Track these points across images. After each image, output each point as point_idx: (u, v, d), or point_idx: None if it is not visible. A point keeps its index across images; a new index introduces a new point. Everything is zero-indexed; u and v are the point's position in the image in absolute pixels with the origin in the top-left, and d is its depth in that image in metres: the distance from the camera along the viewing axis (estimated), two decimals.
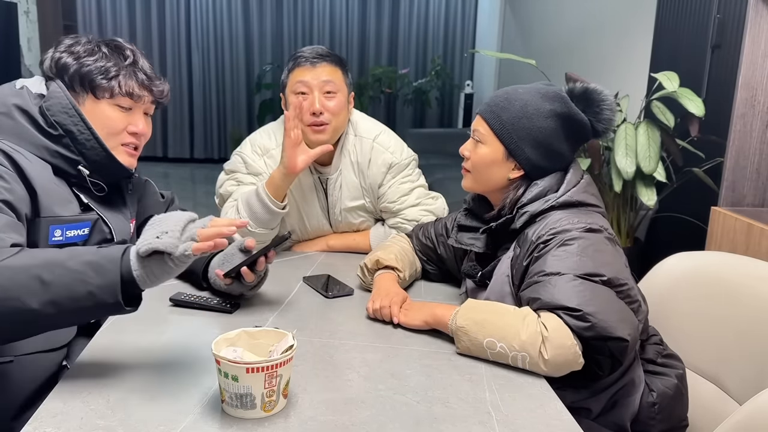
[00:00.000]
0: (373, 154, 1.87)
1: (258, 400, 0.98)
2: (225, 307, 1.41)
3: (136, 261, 1.03)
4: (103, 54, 1.36)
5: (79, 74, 1.34)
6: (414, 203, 1.89)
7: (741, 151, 2.34)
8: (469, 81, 7.53)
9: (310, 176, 1.87)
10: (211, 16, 7.41)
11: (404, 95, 7.41)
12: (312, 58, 1.78)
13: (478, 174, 1.42)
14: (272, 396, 0.99)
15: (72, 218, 1.32)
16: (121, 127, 1.37)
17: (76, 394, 1.04)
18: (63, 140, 1.32)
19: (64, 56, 1.35)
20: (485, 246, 1.45)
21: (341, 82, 1.80)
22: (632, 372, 1.31)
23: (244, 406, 0.98)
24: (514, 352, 1.17)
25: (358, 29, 7.74)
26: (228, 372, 0.97)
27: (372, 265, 1.57)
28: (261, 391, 0.98)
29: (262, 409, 0.99)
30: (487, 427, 1.00)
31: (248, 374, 0.96)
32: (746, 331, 1.37)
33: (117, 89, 1.35)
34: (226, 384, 0.98)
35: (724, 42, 2.82)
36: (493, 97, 1.41)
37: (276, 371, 0.98)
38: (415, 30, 7.81)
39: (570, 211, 1.32)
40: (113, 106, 1.36)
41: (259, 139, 1.89)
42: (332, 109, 1.77)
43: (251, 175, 1.86)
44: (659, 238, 3.28)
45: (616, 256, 1.28)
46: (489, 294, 1.39)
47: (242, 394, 0.97)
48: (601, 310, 1.16)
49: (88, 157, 1.34)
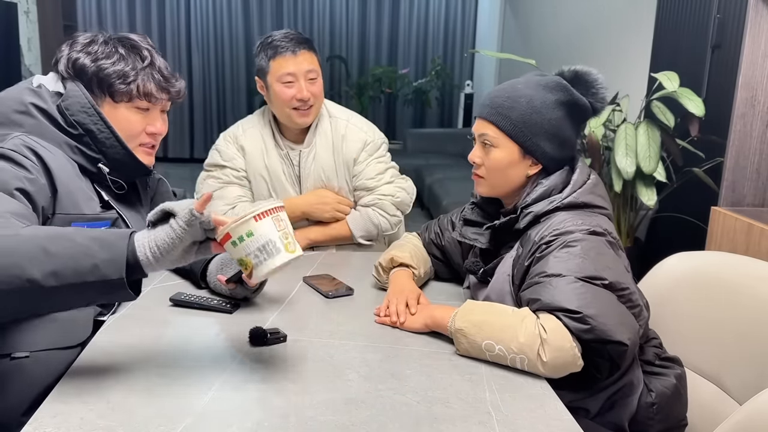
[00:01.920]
0: (348, 132, 1.99)
1: (279, 243, 1.04)
2: (225, 307, 1.41)
3: (143, 238, 1.02)
4: (121, 56, 1.37)
5: (98, 77, 1.35)
6: (389, 180, 2.01)
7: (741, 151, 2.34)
8: (469, 81, 7.53)
9: (275, 151, 1.98)
10: (211, 16, 7.41)
11: (404, 95, 7.40)
12: (292, 47, 1.87)
13: (494, 179, 1.39)
14: (288, 238, 1.06)
15: (93, 216, 1.33)
16: (139, 129, 1.40)
17: (76, 394, 1.04)
18: (83, 139, 1.34)
19: (81, 57, 1.36)
20: (489, 242, 1.44)
21: (318, 66, 1.92)
22: (631, 373, 1.31)
23: (270, 254, 1.03)
24: (513, 354, 1.17)
25: (358, 29, 7.74)
26: (242, 233, 1.01)
27: (387, 263, 1.57)
28: (276, 233, 1.04)
29: (286, 250, 1.04)
30: (487, 427, 1.00)
31: (258, 222, 1.02)
32: (746, 331, 1.37)
33: (135, 93, 1.36)
34: (246, 246, 1.02)
35: (724, 42, 2.82)
36: (493, 98, 1.38)
37: (278, 214, 1.05)
38: (415, 30, 7.81)
39: (575, 213, 1.31)
40: (131, 108, 1.38)
41: (229, 131, 2.04)
42: (316, 92, 1.91)
43: (227, 161, 1.98)
44: (659, 238, 3.28)
45: (616, 260, 1.28)
46: (489, 292, 1.39)
47: (263, 244, 1.02)
48: (602, 313, 1.15)
49: (109, 156, 1.36)
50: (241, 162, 1.98)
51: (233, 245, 1.03)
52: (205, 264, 1.52)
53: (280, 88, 1.88)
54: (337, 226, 1.97)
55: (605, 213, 1.36)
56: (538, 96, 1.35)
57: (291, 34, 1.90)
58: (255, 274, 1.04)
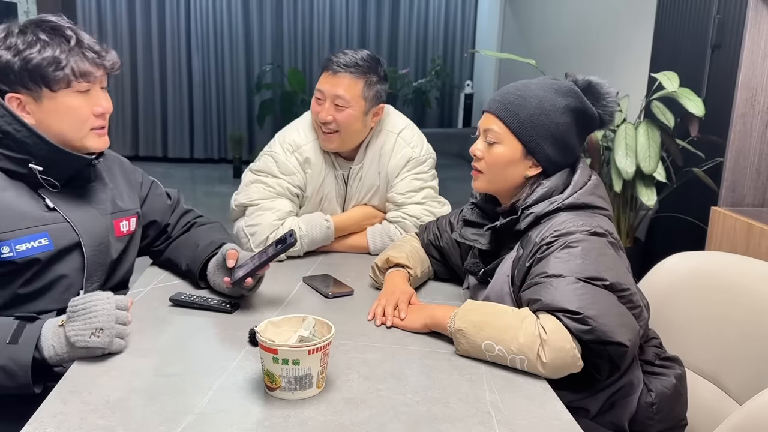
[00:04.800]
0: (396, 148, 1.90)
1: (314, 379, 1.05)
2: (225, 307, 1.41)
3: (58, 347, 1.14)
4: (44, 42, 1.26)
5: (27, 71, 1.25)
6: (420, 201, 1.90)
7: (741, 151, 2.34)
8: (469, 81, 7.53)
9: (332, 170, 1.89)
10: (211, 17, 7.41)
11: (404, 95, 7.40)
12: (336, 66, 1.77)
13: (492, 174, 1.39)
14: (323, 373, 1.07)
15: (20, 232, 1.26)
16: (87, 113, 1.32)
17: (76, 394, 1.04)
18: (3, 142, 1.27)
19: (2, 55, 1.25)
20: (489, 243, 1.43)
21: (357, 96, 1.77)
22: (631, 373, 1.31)
23: (303, 387, 1.04)
24: (513, 354, 1.17)
25: (358, 29, 7.73)
26: (288, 358, 1.02)
27: (382, 264, 1.57)
28: (317, 369, 1.05)
29: (317, 387, 1.06)
30: (487, 427, 1.00)
31: (309, 356, 1.02)
32: (746, 331, 1.37)
33: (72, 76, 1.27)
34: (284, 370, 1.02)
35: (724, 42, 2.82)
36: (504, 94, 1.37)
37: (328, 349, 1.06)
38: (415, 30, 7.81)
39: (575, 214, 1.31)
40: (72, 93, 1.29)
41: (288, 136, 1.88)
42: (340, 120, 1.78)
43: (284, 175, 1.83)
44: (659, 238, 3.28)
45: (617, 261, 1.27)
46: (489, 292, 1.38)
47: (302, 376, 1.03)
48: (602, 314, 1.15)
49: (35, 154, 1.28)
50: (300, 178, 1.84)
51: (274, 361, 1.03)
52: (203, 264, 1.52)
53: (314, 99, 1.83)
54: (356, 237, 1.92)
55: (606, 214, 1.35)
56: (548, 98, 1.34)
57: (349, 53, 1.79)
58: (277, 395, 1.05)
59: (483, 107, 1.40)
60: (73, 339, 1.12)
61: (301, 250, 1.81)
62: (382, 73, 1.82)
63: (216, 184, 6.56)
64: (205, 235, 1.61)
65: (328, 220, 1.84)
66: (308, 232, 1.80)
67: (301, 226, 1.80)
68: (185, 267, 1.56)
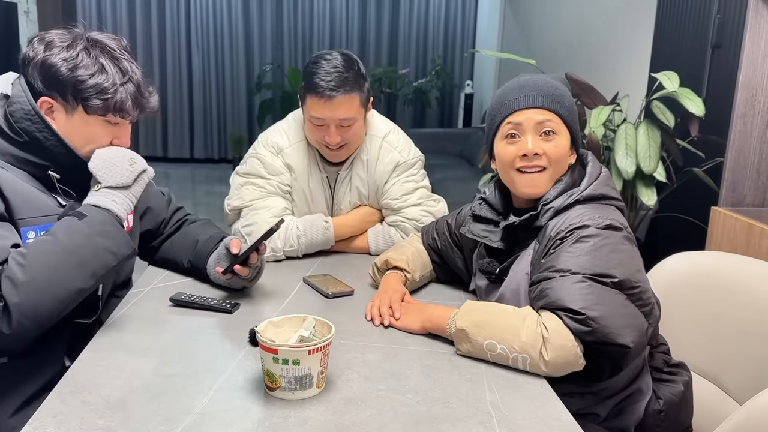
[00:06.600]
0: (382, 153, 1.87)
1: (314, 379, 1.05)
2: (225, 307, 1.41)
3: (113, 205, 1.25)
4: (101, 67, 1.28)
5: (73, 86, 1.27)
6: (416, 203, 1.89)
7: (741, 151, 2.34)
8: (469, 81, 7.53)
9: (317, 174, 1.88)
10: (211, 16, 7.41)
11: (404, 95, 7.40)
12: (329, 91, 1.67)
13: (556, 169, 1.34)
14: (324, 373, 1.07)
15: (46, 218, 1.28)
16: (106, 142, 1.33)
17: (76, 394, 1.04)
18: (30, 147, 1.28)
19: (58, 63, 1.27)
20: (500, 240, 1.39)
21: (357, 108, 1.74)
22: (640, 380, 1.31)
23: (303, 387, 1.04)
24: (515, 353, 1.17)
25: (358, 29, 7.73)
26: (288, 358, 1.02)
27: (382, 264, 1.57)
28: (317, 369, 1.05)
29: (317, 387, 1.07)
30: (487, 427, 1.00)
31: (310, 356, 1.03)
32: (746, 331, 1.37)
33: (110, 109, 1.29)
34: (285, 370, 1.03)
35: (724, 42, 2.82)
36: (540, 87, 1.34)
37: (328, 349, 1.06)
38: (415, 30, 7.81)
39: (592, 206, 1.29)
40: (102, 121, 1.31)
41: (271, 138, 1.87)
42: (349, 137, 1.76)
43: (272, 175, 1.83)
44: (659, 238, 3.28)
45: (633, 256, 1.25)
46: (504, 290, 1.36)
47: (302, 376, 1.04)
48: (606, 315, 1.13)
49: (59, 162, 1.30)
50: (287, 177, 1.84)
51: (274, 361, 1.03)
52: (206, 258, 1.54)
53: (310, 126, 1.76)
54: (357, 239, 1.90)
55: (619, 205, 1.34)
56: (565, 88, 1.38)
57: (335, 73, 1.68)
58: (277, 395, 1.05)
59: (517, 106, 1.33)
60: (119, 182, 1.28)
61: (300, 251, 1.80)
62: (363, 71, 1.78)
63: (216, 184, 6.56)
64: (202, 231, 1.64)
65: (327, 221, 1.84)
66: (306, 232, 1.79)
67: (300, 226, 1.80)
68: (187, 264, 1.58)
